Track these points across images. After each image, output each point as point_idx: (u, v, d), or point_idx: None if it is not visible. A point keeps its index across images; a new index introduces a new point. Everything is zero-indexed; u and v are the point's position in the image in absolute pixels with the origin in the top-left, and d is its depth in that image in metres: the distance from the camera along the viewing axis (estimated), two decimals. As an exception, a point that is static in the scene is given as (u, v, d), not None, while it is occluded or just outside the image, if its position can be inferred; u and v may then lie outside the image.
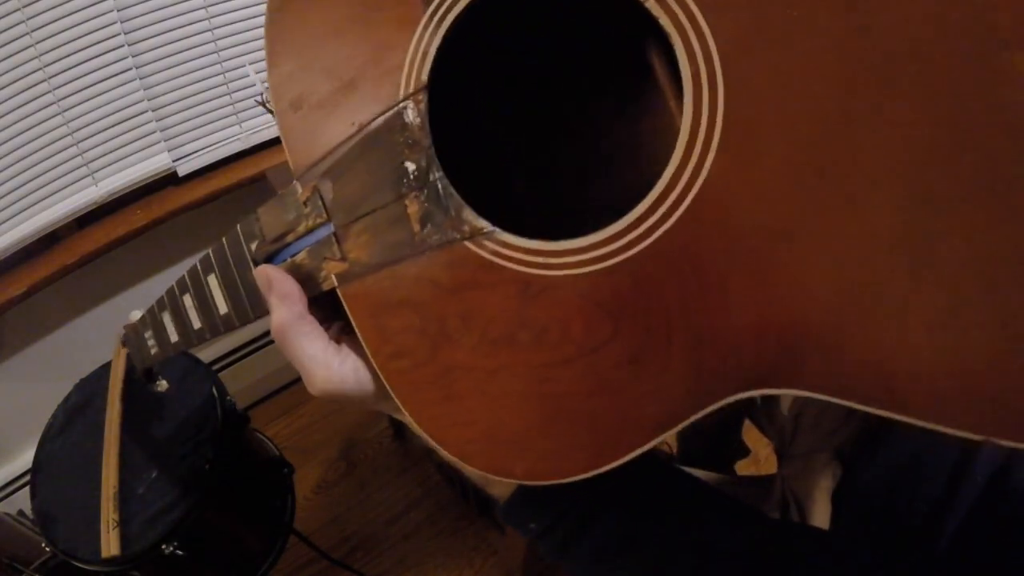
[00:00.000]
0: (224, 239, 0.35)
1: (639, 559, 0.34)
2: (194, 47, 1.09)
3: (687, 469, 0.71)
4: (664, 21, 0.22)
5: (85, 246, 1.09)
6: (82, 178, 1.09)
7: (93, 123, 1.05)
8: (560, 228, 0.25)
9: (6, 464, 1.21)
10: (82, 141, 1.05)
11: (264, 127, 1.24)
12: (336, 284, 0.30)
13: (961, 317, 0.19)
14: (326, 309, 0.34)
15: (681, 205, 0.22)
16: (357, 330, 0.30)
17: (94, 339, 1.19)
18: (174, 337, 0.43)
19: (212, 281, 0.37)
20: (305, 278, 0.32)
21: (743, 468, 1.07)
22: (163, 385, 0.66)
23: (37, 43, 0.94)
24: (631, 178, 0.30)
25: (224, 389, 0.82)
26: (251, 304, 0.35)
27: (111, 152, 1.10)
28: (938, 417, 0.20)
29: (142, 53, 1.04)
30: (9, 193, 1.02)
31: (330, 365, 0.32)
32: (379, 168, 0.28)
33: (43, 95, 0.98)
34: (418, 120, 0.27)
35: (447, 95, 0.27)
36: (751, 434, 0.99)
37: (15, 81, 0.95)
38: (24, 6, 0.91)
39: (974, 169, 0.18)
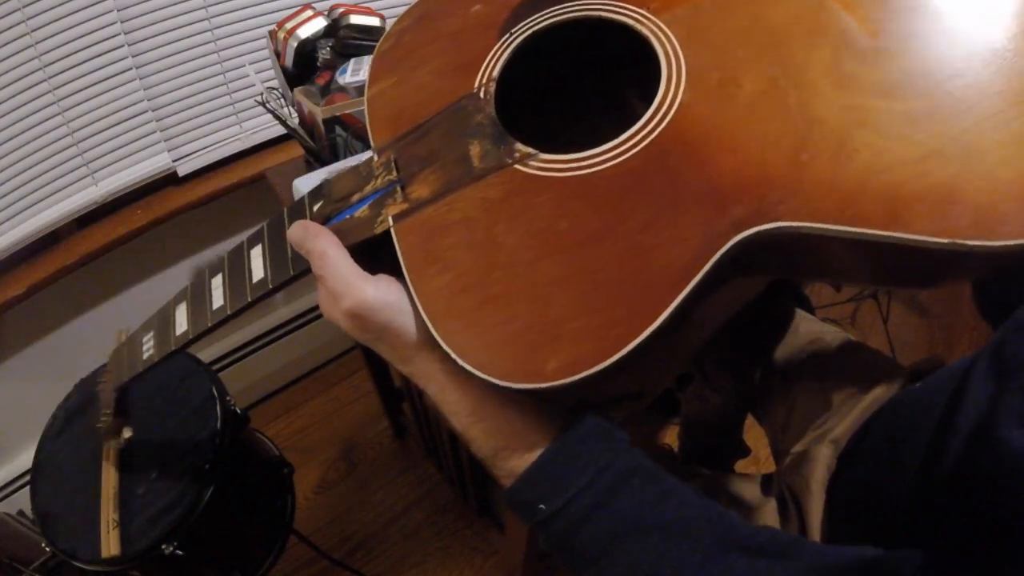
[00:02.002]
0: (285, 208, 0.42)
1: (640, 550, 0.34)
2: (194, 47, 1.09)
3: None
4: (644, 31, 0.38)
5: (85, 246, 1.09)
6: (82, 178, 1.09)
7: (93, 123, 1.05)
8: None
9: (6, 464, 1.21)
10: (82, 141, 1.05)
11: (264, 127, 1.24)
12: (391, 224, 0.37)
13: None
14: (360, 260, 0.38)
15: (668, 115, 0.34)
16: (404, 257, 0.35)
17: (94, 339, 1.19)
18: (181, 328, 0.47)
19: (256, 251, 0.42)
20: (359, 227, 0.38)
21: (743, 468, 1.07)
22: (127, 433, 0.67)
23: (37, 43, 0.94)
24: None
25: (224, 389, 0.82)
26: (293, 258, 0.40)
27: (111, 152, 1.10)
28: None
29: (142, 53, 1.04)
30: (9, 193, 1.02)
31: (368, 282, 0.36)
32: (451, 130, 0.38)
33: (43, 95, 0.98)
34: (487, 96, 0.39)
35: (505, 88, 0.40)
36: (751, 434, 0.99)
37: (15, 81, 0.95)
38: (24, 6, 0.91)
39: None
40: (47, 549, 0.70)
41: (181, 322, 0.47)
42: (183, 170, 1.18)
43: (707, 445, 1.02)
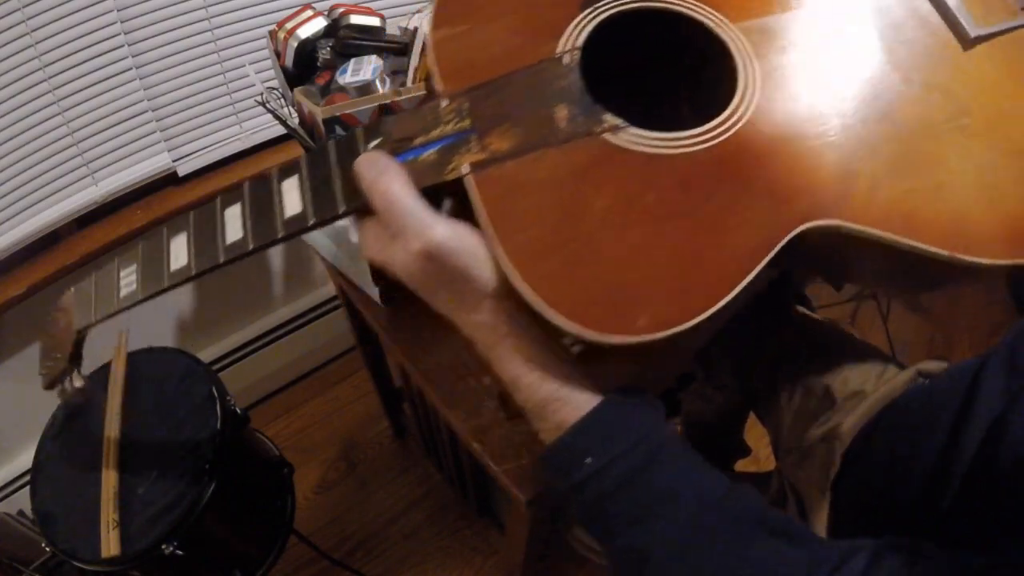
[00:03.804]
0: (331, 141, 0.40)
1: (673, 519, 0.34)
2: (194, 47, 1.09)
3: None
4: (722, 35, 0.42)
5: (85, 246, 1.09)
6: (82, 178, 1.09)
7: (93, 123, 1.05)
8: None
9: (6, 464, 1.21)
10: (82, 141, 1.05)
11: (264, 127, 1.24)
12: (468, 171, 0.36)
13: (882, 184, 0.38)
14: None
15: (745, 115, 0.38)
16: (483, 207, 0.35)
17: (94, 339, 1.18)
18: (179, 262, 0.40)
19: (289, 183, 0.40)
20: (425, 170, 0.37)
21: (743, 467, 1.07)
22: (79, 382, 0.57)
23: (37, 43, 0.94)
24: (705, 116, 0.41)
25: (224, 389, 0.82)
26: (345, 193, 0.38)
27: (111, 152, 1.10)
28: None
29: (142, 53, 1.04)
30: (9, 193, 1.02)
31: (445, 224, 0.35)
32: (533, 91, 0.38)
33: (43, 95, 0.98)
34: (572, 63, 0.40)
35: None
36: (751, 434, 0.99)
37: (15, 81, 0.95)
38: (24, 6, 0.91)
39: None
40: (47, 549, 0.70)
41: (179, 255, 0.41)
42: (183, 170, 1.18)
43: (708, 444, 1.02)
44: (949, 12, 0.43)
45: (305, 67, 0.90)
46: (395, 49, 0.90)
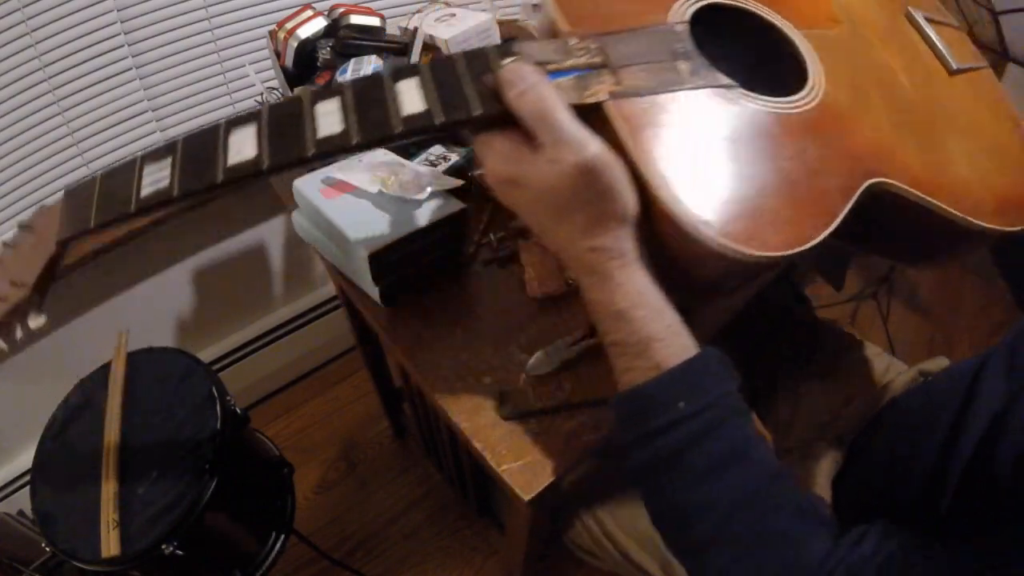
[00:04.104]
0: (460, 53, 0.40)
1: (744, 476, 0.36)
2: (194, 47, 1.09)
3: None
4: (791, 35, 0.50)
5: (85, 246, 1.09)
6: (82, 178, 1.08)
7: (93, 123, 1.05)
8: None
9: (6, 464, 1.21)
10: (82, 141, 1.05)
11: (264, 127, 1.23)
12: (607, 98, 0.39)
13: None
14: None
15: (818, 95, 0.46)
16: (627, 132, 0.38)
17: (94, 339, 1.18)
18: (245, 154, 0.38)
19: (407, 84, 0.40)
20: (565, 92, 0.39)
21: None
22: (38, 320, 0.45)
23: (37, 43, 0.94)
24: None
25: (224, 389, 0.82)
26: (480, 99, 0.39)
27: (111, 152, 1.10)
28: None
29: (142, 53, 1.04)
30: (9, 193, 1.02)
31: (595, 139, 0.36)
32: (658, 46, 0.44)
33: (43, 95, 0.98)
34: (684, 32, 0.45)
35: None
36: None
37: (15, 81, 0.95)
38: (24, 6, 0.91)
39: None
40: (47, 549, 0.70)
41: (243, 147, 0.38)
42: (183, 170, 1.18)
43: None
44: (937, 49, 0.57)
45: (305, 67, 0.90)
46: (395, 49, 0.90)
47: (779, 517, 0.35)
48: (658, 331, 0.38)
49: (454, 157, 0.84)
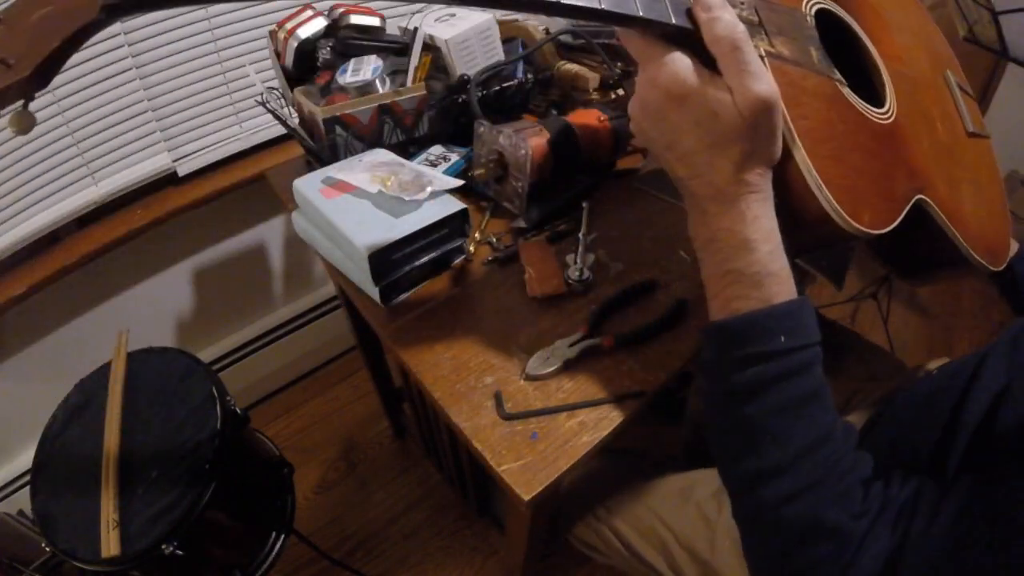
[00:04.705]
0: None
1: (822, 415, 0.39)
2: (194, 47, 1.09)
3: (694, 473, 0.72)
4: (877, 59, 0.56)
5: (85, 246, 1.09)
6: (82, 178, 1.09)
7: (93, 123, 1.05)
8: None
9: (6, 464, 1.21)
10: (82, 141, 1.05)
11: (264, 127, 1.24)
12: (764, 54, 0.42)
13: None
14: None
15: (893, 112, 0.52)
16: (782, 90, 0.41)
17: (94, 339, 1.19)
18: None
19: None
20: None
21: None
22: (28, 121, 0.34)
23: (37, 43, 0.94)
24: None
25: (224, 389, 0.82)
26: (679, 12, 0.39)
27: (111, 152, 1.10)
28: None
29: (142, 53, 1.04)
30: (9, 193, 1.02)
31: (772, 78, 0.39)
32: (797, 25, 0.48)
33: (43, 95, 0.98)
34: (812, 23, 0.51)
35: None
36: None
37: (15, 81, 0.95)
38: (24, 6, 0.91)
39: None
40: (47, 549, 0.70)
41: None
42: (183, 170, 1.18)
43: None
44: (961, 110, 0.66)
45: (305, 67, 0.90)
46: (395, 49, 0.90)
47: (842, 459, 0.38)
48: (776, 269, 0.40)
49: (454, 157, 0.84)
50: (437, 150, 0.86)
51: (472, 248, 0.74)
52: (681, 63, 0.38)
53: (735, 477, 0.42)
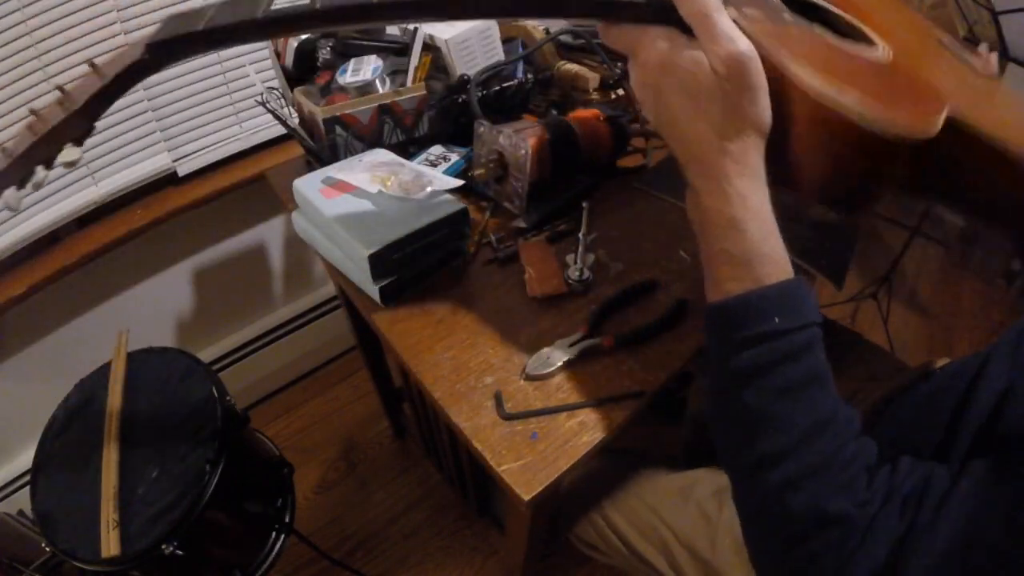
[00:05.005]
0: None
1: (822, 400, 0.38)
2: (194, 47, 1.09)
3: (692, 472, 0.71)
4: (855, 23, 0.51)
5: (85, 246, 1.09)
6: (82, 178, 1.09)
7: (93, 123, 1.05)
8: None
9: (6, 464, 1.21)
10: (82, 141, 1.05)
11: (264, 127, 1.24)
12: (738, 19, 0.41)
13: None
14: None
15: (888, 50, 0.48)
16: (767, 42, 0.40)
17: (94, 339, 1.19)
18: None
19: None
20: None
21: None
22: (75, 154, 0.40)
23: (37, 43, 0.94)
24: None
25: (224, 389, 0.82)
26: None
27: (111, 152, 1.10)
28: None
29: (142, 53, 1.04)
30: (9, 193, 1.02)
31: (746, 39, 0.39)
32: (765, 3, 0.46)
33: (43, 95, 0.98)
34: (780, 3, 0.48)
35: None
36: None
37: (15, 81, 0.95)
38: (24, 6, 0.91)
39: None
40: (47, 549, 0.70)
41: None
42: (183, 170, 1.18)
43: (710, 444, 1.02)
44: (965, 58, 0.60)
45: (305, 67, 0.90)
46: (395, 49, 0.90)
47: (846, 445, 0.38)
48: (767, 250, 0.39)
49: (454, 157, 0.84)
50: (437, 150, 0.86)
51: (472, 248, 0.74)
52: (658, 33, 0.40)
53: (737, 465, 0.41)
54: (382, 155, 0.78)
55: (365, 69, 0.82)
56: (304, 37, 0.88)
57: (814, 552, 0.37)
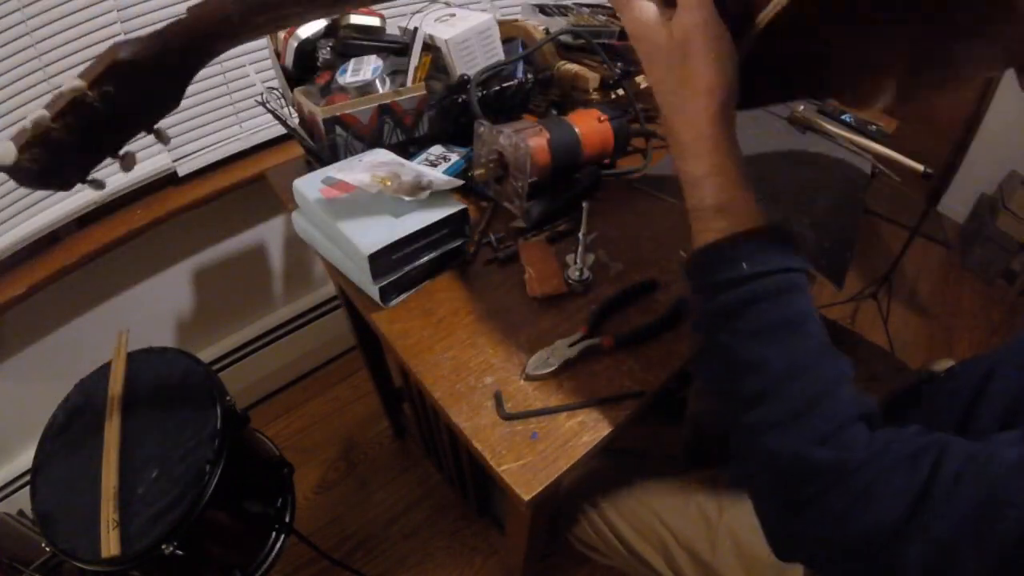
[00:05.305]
0: None
1: (797, 345, 0.38)
2: (194, 47, 1.09)
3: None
4: None
5: (85, 246, 1.09)
6: (82, 178, 1.09)
7: (93, 123, 1.05)
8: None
9: (6, 464, 1.21)
10: (82, 141, 1.05)
11: (264, 127, 1.24)
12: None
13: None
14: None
15: None
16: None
17: (94, 339, 1.19)
18: None
19: None
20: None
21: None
22: (165, 137, 0.47)
23: (37, 43, 0.94)
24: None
25: (224, 389, 0.82)
26: None
27: (111, 152, 1.09)
28: None
29: (142, 53, 1.04)
30: (9, 193, 1.02)
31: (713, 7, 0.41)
32: None
33: (43, 95, 0.98)
34: None
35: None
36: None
37: (15, 82, 0.95)
38: (24, 6, 0.91)
39: None
40: (47, 549, 0.70)
41: None
42: (183, 170, 1.18)
43: (710, 444, 1.02)
44: None
45: (305, 67, 0.90)
46: (395, 49, 0.90)
47: (829, 393, 0.38)
48: (731, 200, 0.41)
49: (454, 157, 0.84)
50: (437, 150, 0.86)
51: (472, 248, 0.74)
52: (641, 2, 0.43)
53: (725, 413, 0.42)
54: (382, 155, 0.78)
55: (365, 69, 0.82)
56: (304, 37, 0.87)
57: (801, 503, 0.36)
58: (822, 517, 0.36)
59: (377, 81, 0.82)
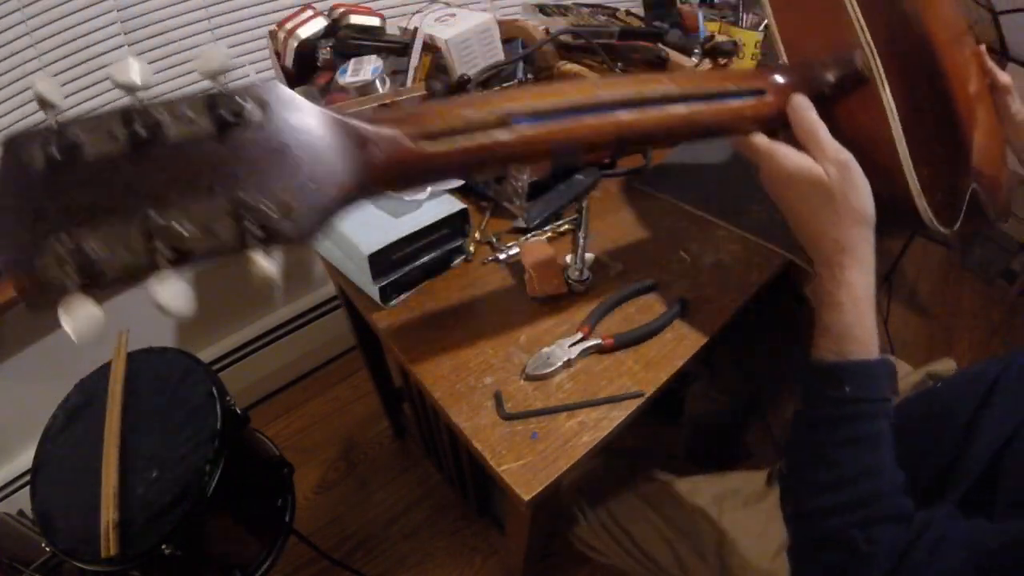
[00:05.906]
0: None
1: (874, 459, 0.44)
2: (194, 47, 1.09)
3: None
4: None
5: (85, 246, 1.09)
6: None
7: (93, 123, 1.05)
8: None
9: (6, 464, 1.21)
10: (82, 141, 1.05)
11: (264, 127, 1.23)
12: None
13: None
14: None
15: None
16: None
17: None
18: None
19: None
20: None
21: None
22: (255, 114, 0.35)
23: (37, 43, 0.94)
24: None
25: (224, 389, 0.82)
26: None
27: (111, 152, 1.09)
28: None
29: (142, 53, 1.04)
30: (9, 193, 1.02)
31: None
32: None
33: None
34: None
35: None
36: (753, 436, 0.99)
37: (14, 82, 0.95)
38: (24, 6, 0.91)
39: None
40: (47, 549, 0.70)
41: None
42: (183, 170, 1.18)
43: (710, 445, 1.02)
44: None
45: (305, 67, 0.90)
46: (395, 49, 0.90)
47: (882, 496, 0.43)
48: (857, 331, 0.46)
49: (454, 157, 0.84)
50: (437, 150, 0.86)
51: (472, 248, 0.74)
52: (774, 151, 0.48)
53: (797, 486, 0.48)
54: (382, 155, 0.78)
55: (365, 69, 0.82)
56: (304, 37, 0.88)
57: (827, 565, 0.44)
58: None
59: (377, 81, 0.82)
